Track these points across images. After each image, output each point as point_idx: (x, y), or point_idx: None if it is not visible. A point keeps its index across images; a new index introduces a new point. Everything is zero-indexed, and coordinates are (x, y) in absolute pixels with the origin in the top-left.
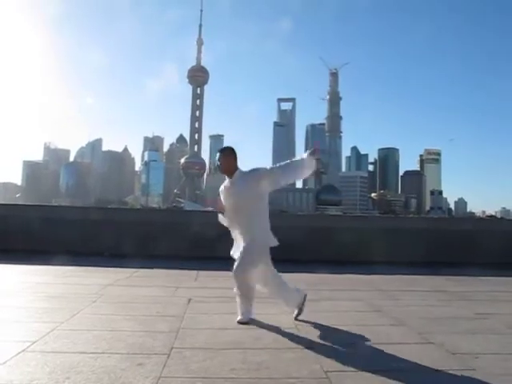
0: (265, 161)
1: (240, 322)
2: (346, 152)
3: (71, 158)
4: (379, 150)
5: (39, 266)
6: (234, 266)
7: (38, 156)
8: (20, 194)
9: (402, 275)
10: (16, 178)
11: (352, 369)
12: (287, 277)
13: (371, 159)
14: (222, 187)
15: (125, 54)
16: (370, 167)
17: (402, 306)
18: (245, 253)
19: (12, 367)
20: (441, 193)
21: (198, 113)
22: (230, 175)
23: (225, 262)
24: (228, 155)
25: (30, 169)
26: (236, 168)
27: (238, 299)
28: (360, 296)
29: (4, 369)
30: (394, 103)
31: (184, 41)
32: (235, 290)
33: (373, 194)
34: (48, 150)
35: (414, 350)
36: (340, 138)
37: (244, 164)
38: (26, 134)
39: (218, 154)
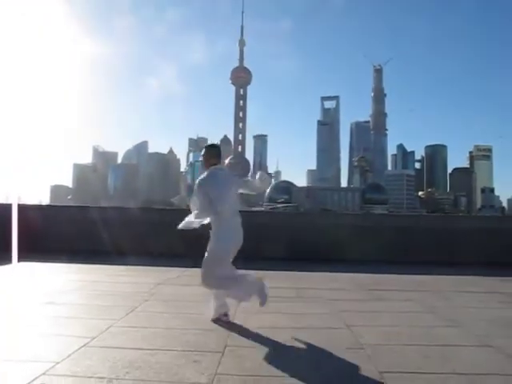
0: (310, 160)
1: (213, 320)
2: (391, 150)
3: (119, 161)
4: (426, 147)
5: (92, 265)
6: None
7: (87, 159)
8: (71, 195)
9: (453, 275)
10: (67, 180)
11: (408, 370)
12: (335, 276)
13: (418, 157)
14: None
15: (170, 56)
16: (417, 165)
17: (457, 307)
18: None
19: (75, 360)
20: (492, 190)
21: (241, 113)
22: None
23: (271, 262)
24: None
25: (80, 171)
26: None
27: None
28: (411, 296)
29: (69, 362)
30: (441, 98)
31: (227, 41)
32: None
33: (420, 193)
34: (96, 152)
35: (471, 353)
36: (385, 135)
37: (289, 164)
38: (75, 138)
39: (203, 150)
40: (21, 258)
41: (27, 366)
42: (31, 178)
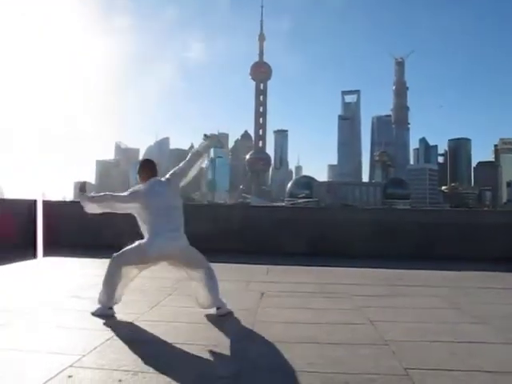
0: (330, 155)
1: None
2: (414, 144)
3: (140, 157)
4: (449, 140)
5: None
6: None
7: (109, 155)
8: (94, 192)
9: (479, 271)
10: (90, 176)
11: (433, 367)
12: (357, 271)
13: (441, 151)
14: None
15: (190, 51)
16: (440, 159)
17: (483, 304)
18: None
19: (101, 353)
20: None
21: (261, 108)
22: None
23: (293, 257)
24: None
25: (103, 167)
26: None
27: None
28: (436, 292)
29: (95, 355)
30: (465, 91)
31: (245, 36)
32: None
33: (443, 187)
34: (119, 149)
35: (497, 351)
36: (407, 129)
37: (310, 159)
38: (98, 136)
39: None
40: (46, 253)
41: (55, 358)
42: (55, 175)
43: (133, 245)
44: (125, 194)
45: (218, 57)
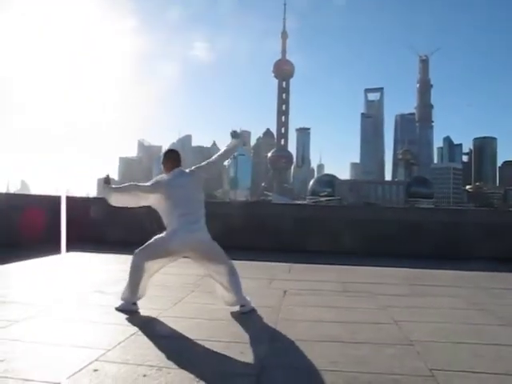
0: (353, 153)
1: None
2: (437, 142)
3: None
4: (475, 139)
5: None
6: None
7: (132, 152)
8: None
9: (503, 272)
10: (113, 173)
11: (459, 368)
12: (380, 271)
13: (466, 149)
14: (166, 178)
15: (213, 49)
16: (465, 158)
17: (508, 305)
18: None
19: (125, 348)
20: None
21: (284, 106)
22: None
23: (316, 255)
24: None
25: (126, 164)
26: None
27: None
28: (460, 293)
29: (119, 349)
30: (490, 89)
31: (269, 34)
32: None
33: (467, 187)
34: (142, 146)
35: None
36: (431, 127)
37: (332, 157)
38: (122, 133)
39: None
40: (71, 249)
41: (81, 351)
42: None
43: (154, 239)
44: (148, 183)
45: (241, 54)
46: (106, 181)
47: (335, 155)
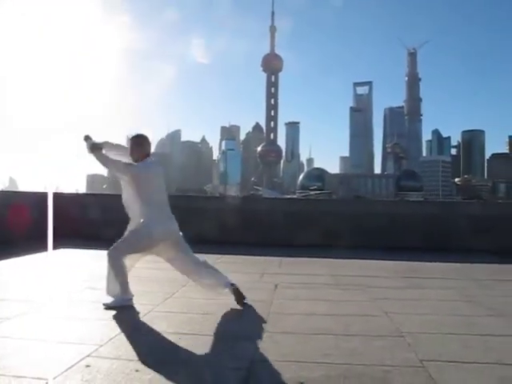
0: (342, 147)
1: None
2: (426, 136)
3: (152, 149)
4: (463, 132)
5: None
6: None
7: None
8: (106, 185)
9: (493, 264)
10: (102, 169)
11: (449, 359)
12: (371, 263)
13: (454, 142)
14: (148, 165)
15: (200, 43)
16: (453, 151)
17: (499, 297)
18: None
19: (118, 344)
20: None
21: (273, 101)
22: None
23: (306, 249)
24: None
25: None
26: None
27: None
28: (451, 284)
29: (111, 345)
30: (478, 82)
31: (257, 28)
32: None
33: (456, 179)
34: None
35: None
36: (420, 121)
37: (322, 151)
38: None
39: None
40: (61, 246)
41: (72, 348)
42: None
43: (131, 232)
44: (133, 167)
45: (230, 49)
46: (86, 138)
47: (325, 149)
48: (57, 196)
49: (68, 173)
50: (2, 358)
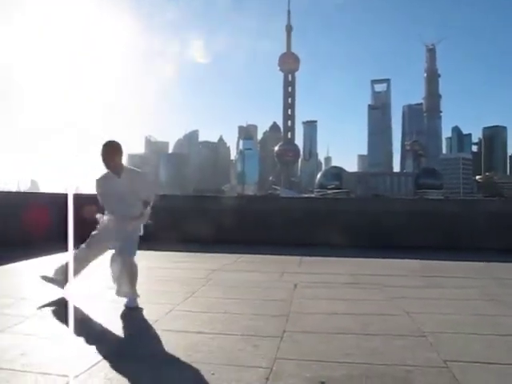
0: (360, 145)
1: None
2: (446, 133)
3: (170, 150)
4: (484, 128)
5: (146, 251)
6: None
7: (139, 149)
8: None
9: None
10: None
11: (473, 360)
12: (391, 262)
13: (475, 139)
14: (101, 178)
15: (218, 43)
16: (474, 148)
17: None
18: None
19: (139, 343)
20: None
21: (290, 100)
22: (116, 169)
23: (325, 248)
24: (116, 152)
25: (133, 161)
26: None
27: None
28: (472, 283)
29: (133, 343)
30: (499, 78)
31: (274, 27)
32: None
33: (477, 177)
34: (149, 143)
35: None
36: (439, 117)
37: (339, 150)
38: (128, 130)
39: (102, 149)
40: (79, 246)
41: (95, 346)
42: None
43: (131, 234)
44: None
45: (247, 49)
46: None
47: (342, 148)
48: (77, 197)
49: (88, 174)
50: (27, 355)
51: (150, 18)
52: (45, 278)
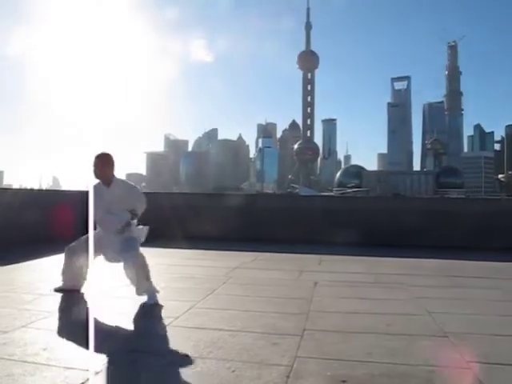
0: (380, 144)
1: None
2: (468, 131)
3: (189, 148)
4: (507, 126)
5: (167, 249)
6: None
7: (159, 147)
8: (145, 183)
9: None
10: (141, 168)
11: (497, 361)
12: (412, 262)
13: (498, 137)
14: (93, 186)
15: (236, 42)
16: (497, 146)
17: None
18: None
19: (160, 340)
20: None
21: (309, 98)
22: (105, 180)
23: (345, 247)
24: (106, 163)
25: (153, 159)
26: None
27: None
28: (495, 284)
29: (154, 340)
30: None
31: (293, 24)
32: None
33: (500, 176)
34: (168, 141)
35: None
36: (461, 116)
37: (359, 148)
38: (148, 128)
39: (94, 160)
40: None
41: (116, 341)
42: None
43: (132, 235)
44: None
45: (266, 47)
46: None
47: (362, 146)
48: None
49: None
50: (51, 350)
51: (174, 14)
52: (58, 290)
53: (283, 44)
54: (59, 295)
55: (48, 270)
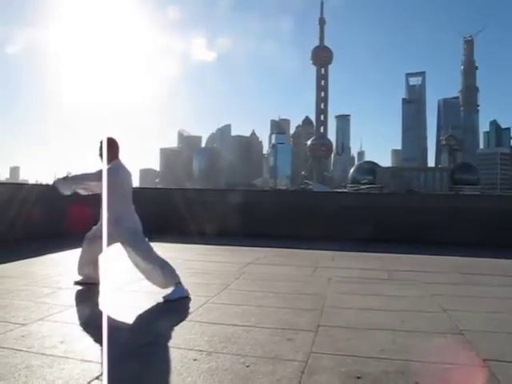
0: (394, 140)
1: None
2: (484, 127)
3: (203, 144)
4: None
5: (181, 245)
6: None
7: (173, 143)
8: (159, 179)
9: None
10: (155, 164)
11: None
12: (427, 258)
13: None
14: (121, 170)
15: (249, 38)
16: None
17: None
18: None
19: (176, 333)
20: None
21: (323, 93)
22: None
23: (359, 243)
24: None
25: (166, 155)
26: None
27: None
28: None
29: (169, 334)
30: None
31: (306, 21)
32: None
33: None
34: (182, 137)
35: None
36: (477, 111)
37: (373, 144)
38: (162, 124)
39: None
40: None
41: (132, 335)
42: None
43: (140, 232)
44: (93, 172)
45: (279, 42)
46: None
47: (376, 142)
48: None
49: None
50: (69, 342)
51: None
52: (78, 283)
53: (298, 40)
54: (77, 289)
55: (67, 263)
